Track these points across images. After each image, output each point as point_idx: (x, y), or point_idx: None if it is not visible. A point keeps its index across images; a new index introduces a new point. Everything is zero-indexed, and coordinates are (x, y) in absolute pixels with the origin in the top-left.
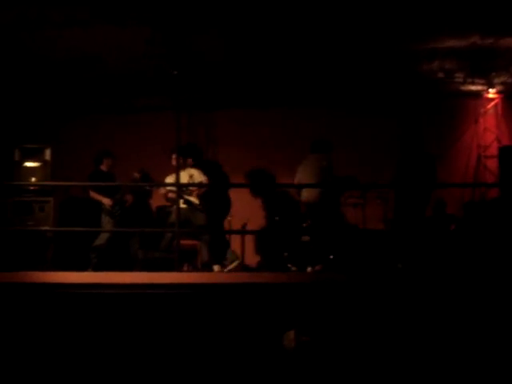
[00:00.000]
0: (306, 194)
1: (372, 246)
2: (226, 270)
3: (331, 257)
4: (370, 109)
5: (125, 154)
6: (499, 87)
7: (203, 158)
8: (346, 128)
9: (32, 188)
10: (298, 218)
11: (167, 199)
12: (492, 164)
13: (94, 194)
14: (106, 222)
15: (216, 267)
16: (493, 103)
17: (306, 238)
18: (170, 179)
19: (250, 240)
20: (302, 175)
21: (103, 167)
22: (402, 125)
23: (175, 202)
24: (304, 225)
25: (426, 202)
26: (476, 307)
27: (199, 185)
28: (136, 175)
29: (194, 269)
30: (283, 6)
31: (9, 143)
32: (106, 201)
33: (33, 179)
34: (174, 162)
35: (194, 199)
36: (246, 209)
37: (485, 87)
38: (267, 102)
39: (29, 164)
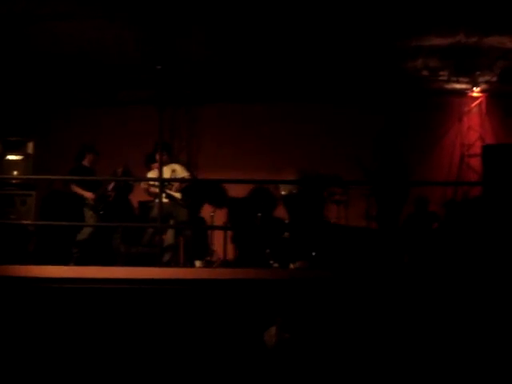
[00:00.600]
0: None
1: (354, 243)
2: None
3: (313, 253)
4: (357, 105)
5: (108, 147)
6: (483, 86)
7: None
8: (332, 124)
9: (14, 181)
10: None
11: (149, 193)
12: (475, 163)
13: (76, 189)
14: (89, 217)
15: (198, 263)
16: (477, 102)
17: (287, 235)
18: (152, 174)
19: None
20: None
21: (85, 162)
22: (384, 121)
23: (157, 196)
24: (286, 221)
25: (402, 200)
26: (459, 305)
27: (182, 180)
28: (118, 170)
29: (176, 264)
30: (267, 2)
31: None
32: (89, 195)
33: (15, 172)
34: (157, 157)
35: (176, 194)
36: None
37: (469, 86)
38: (251, 97)
39: (11, 157)
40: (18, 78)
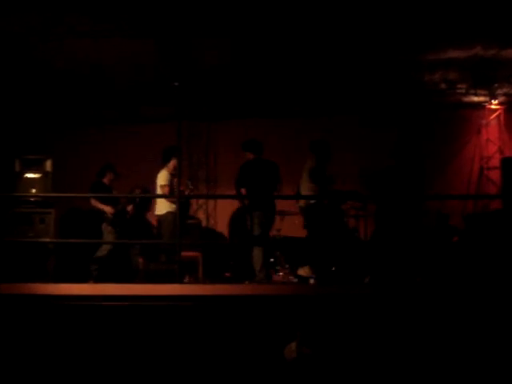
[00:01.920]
0: (300, 201)
1: (375, 258)
2: None
3: (333, 268)
4: (375, 119)
5: (126, 164)
6: (502, 98)
7: None
8: (351, 138)
9: (32, 199)
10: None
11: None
12: (494, 175)
13: (95, 203)
14: (108, 233)
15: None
16: (495, 114)
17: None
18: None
19: None
20: (300, 180)
21: (105, 180)
22: (400, 136)
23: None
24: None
25: (414, 214)
26: (479, 318)
27: (201, 196)
28: (137, 191)
29: (196, 280)
30: (283, 17)
31: (9, 154)
32: (108, 209)
33: (33, 190)
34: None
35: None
36: None
37: (487, 98)
38: (267, 112)
39: (29, 175)
40: (36, 96)
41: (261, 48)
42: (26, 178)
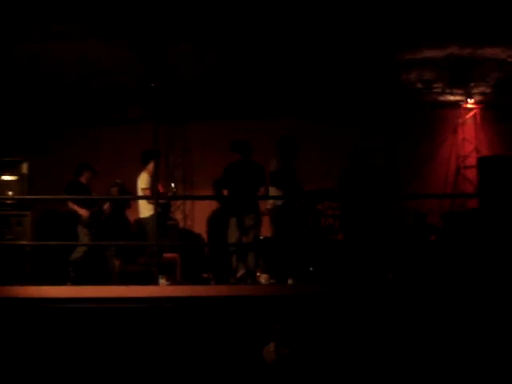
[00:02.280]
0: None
1: (349, 257)
2: None
3: (311, 268)
4: (350, 119)
5: (105, 165)
6: (478, 97)
7: None
8: (325, 139)
9: (9, 202)
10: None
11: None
12: (471, 174)
13: (71, 205)
14: (83, 235)
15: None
16: (471, 113)
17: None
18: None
19: None
20: None
21: (82, 179)
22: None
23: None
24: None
25: (386, 213)
26: (458, 317)
27: (179, 197)
28: (113, 189)
29: (174, 282)
30: (261, 14)
31: None
32: (83, 212)
33: (10, 193)
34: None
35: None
36: None
37: (463, 97)
38: (245, 114)
39: (5, 177)
40: (13, 99)
41: (234, 50)
42: (2, 180)
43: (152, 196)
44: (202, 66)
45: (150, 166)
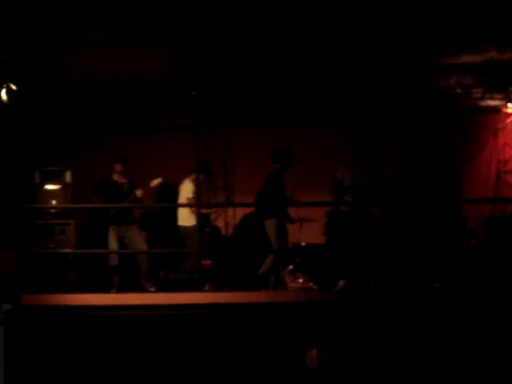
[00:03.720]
0: None
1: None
2: None
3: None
4: (393, 126)
5: (144, 173)
6: None
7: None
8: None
9: (53, 211)
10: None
11: None
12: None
13: (94, 199)
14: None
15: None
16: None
17: None
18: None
19: None
20: None
21: (115, 176)
22: (423, 142)
23: None
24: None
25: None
26: (499, 323)
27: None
28: (138, 192)
29: (216, 288)
30: (299, 23)
31: (29, 166)
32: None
33: (53, 202)
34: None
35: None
36: None
37: (503, 102)
38: (285, 120)
39: (49, 186)
40: (54, 108)
41: (276, 55)
42: (46, 189)
43: (195, 204)
44: (243, 72)
45: (201, 176)
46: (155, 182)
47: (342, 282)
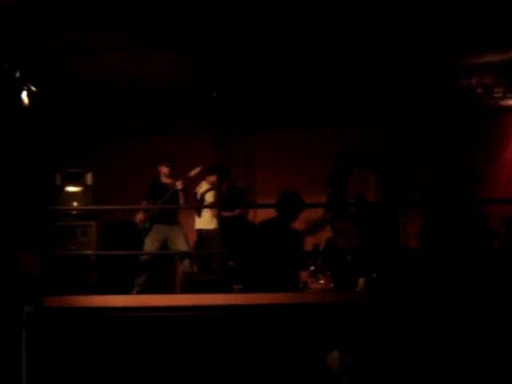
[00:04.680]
0: None
1: (415, 265)
2: None
3: (374, 275)
4: (409, 126)
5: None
6: None
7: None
8: (384, 145)
9: (74, 212)
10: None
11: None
12: None
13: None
14: (145, 241)
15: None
16: None
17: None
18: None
19: None
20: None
21: (162, 177)
22: (442, 142)
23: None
24: None
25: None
26: None
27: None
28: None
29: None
30: (319, 25)
31: (50, 168)
32: (138, 215)
33: (74, 204)
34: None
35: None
36: None
37: None
38: (304, 122)
39: (70, 188)
40: (75, 110)
41: (298, 56)
42: (67, 191)
43: (211, 205)
44: (264, 73)
45: (213, 177)
46: (194, 171)
47: (362, 280)
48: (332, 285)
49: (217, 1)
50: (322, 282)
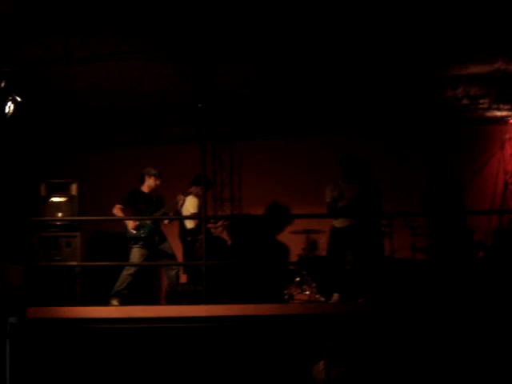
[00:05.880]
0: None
1: (403, 276)
2: None
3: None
4: (395, 136)
5: None
6: None
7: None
8: (370, 155)
9: (59, 223)
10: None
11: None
12: None
13: (117, 212)
14: (134, 251)
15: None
16: None
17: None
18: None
19: None
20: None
21: (144, 188)
22: (428, 153)
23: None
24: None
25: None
26: (507, 336)
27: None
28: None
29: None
30: (306, 35)
31: (35, 178)
32: (129, 223)
33: (59, 214)
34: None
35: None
36: None
37: (510, 113)
38: (291, 132)
39: (55, 199)
40: (60, 120)
41: (283, 67)
42: (52, 201)
43: (199, 217)
44: (249, 85)
45: (197, 189)
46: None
47: (336, 296)
48: (318, 296)
49: (203, 11)
50: (308, 293)
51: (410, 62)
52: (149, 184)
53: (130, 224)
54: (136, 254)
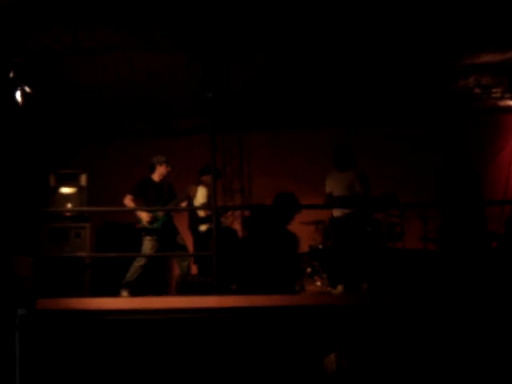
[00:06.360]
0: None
1: (413, 267)
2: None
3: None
4: (407, 126)
5: None
6: None
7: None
8: (383, 147)
9: (68, 214)
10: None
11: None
12: None
13: (129, 204)
14: (146, 241)
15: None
16: None
17: None
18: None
19: None
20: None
21: (155, 176)
22: (443, 142)
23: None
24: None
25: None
26: None
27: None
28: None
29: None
30: (316, 29)
31: (44, 169)
32: (143, 215)
33: (69, 205)
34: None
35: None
36: None
37: None
38: (300, 123)
39: (64, 190)
40: (69, 111)
41: (292, 58)
42: (61, 192)
43: (210, 207)
44: (259, 76)
45: (207, 178)
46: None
47: (340, 287)
48: (329, 288)
49: (214, 2)
50: (319, 284)
51: (421, 52)
52: (160, 172)
53: (145, 217)
54: (148, 245)
